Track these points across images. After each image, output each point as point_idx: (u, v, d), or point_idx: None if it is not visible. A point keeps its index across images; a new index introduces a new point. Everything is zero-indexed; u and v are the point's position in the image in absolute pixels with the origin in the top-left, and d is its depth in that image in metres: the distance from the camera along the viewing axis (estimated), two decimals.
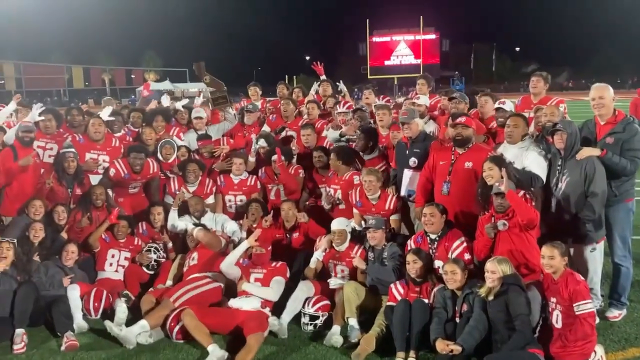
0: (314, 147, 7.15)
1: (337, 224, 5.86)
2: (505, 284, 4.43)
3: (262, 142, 7.34)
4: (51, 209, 6.23)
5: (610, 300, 5.42)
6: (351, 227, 6.03)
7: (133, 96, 54.45)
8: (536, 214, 4.78)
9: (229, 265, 5.61)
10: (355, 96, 10.02)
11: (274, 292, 5.54)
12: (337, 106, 7.77)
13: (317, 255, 5.81)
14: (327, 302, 5.52)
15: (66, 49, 78.88)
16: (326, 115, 8.13)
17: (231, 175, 7.09)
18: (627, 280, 5.36)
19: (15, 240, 5.58)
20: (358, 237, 5.99)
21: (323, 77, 9.24)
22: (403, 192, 6.12)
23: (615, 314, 5.34)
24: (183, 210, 6.72)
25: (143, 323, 5.18)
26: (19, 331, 5.19)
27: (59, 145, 6.84)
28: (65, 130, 7.21)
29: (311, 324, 5.37)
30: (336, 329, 5.21)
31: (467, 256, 5.12)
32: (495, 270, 4.48)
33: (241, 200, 7.04)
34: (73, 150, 6.58)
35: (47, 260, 5.79)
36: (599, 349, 4.39)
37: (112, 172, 6.86)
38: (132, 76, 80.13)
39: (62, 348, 5.08)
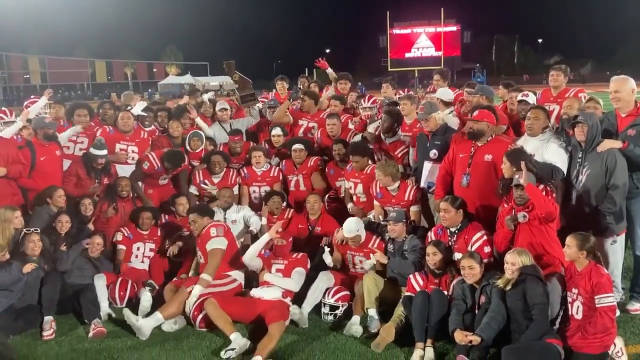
0: (338, 137, 7.21)
1: (347, 230, 5.79)
2: (523, 274, 4.45)
3: (278, 131, 7.44)
4: (77, 201, 6.39)
5: (631, 293, 5.40)
6: (367, 220, 6.10)
7: (150, 90, 54.94)
8: (555, 207, 4.78)
9: (252, 257, 5.70)
10: (359, 90, 9.97)
11: (295, 282, 5.63)
12: (362, 101, 7.79)
13: (326, 259, 5.89)
14: (347, 292, 5.60)
15: (89, 44, 79.98)
16: (348, 110, 8.17)
17: (253, 167, 7.19)
18: None
19: (39, 230, 5.70)
20: (377, 228, 6.04)
21: (329, 70, 9.19)
22: (423, 184, 6.15)
23: (636, 306, 5.32)
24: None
25: (158, 316, 5.30)
26: (48, 318, 5.36)
27: (90, 139, 7.07)
28: (96, 124, 7.41)
29: (331, 314, 5.45)
30: (356, 319, 5.28)
31: (487, 249, 5.14)
32: (515, 261, 4.50)
33: (265, 192, 7.13)
34: (105, 153, 6.68)
35: (74, 250, 5.93)
36: (619, 341, 4.39)
37: (145, 165, 7.01)
38: (154, 70, 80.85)
39: (90, 335, 5.24)
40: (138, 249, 6.41)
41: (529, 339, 4.26)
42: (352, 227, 5.81)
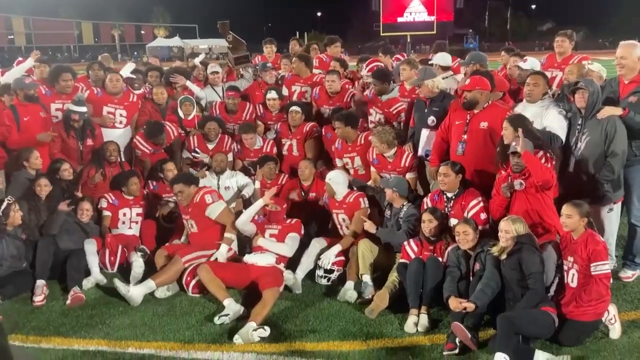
0: (337, 93, 7.13)
1: (328, 177, 5.98)
2: (519, 243, 4.42)
3: (273, 94, 7.32)
4: (55, 164, 6.18)
5: (624, 260, 5.42)
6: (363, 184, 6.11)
7: (135, 53, 54.03)
8: (552, 175, 4.73)
9: (245, 222, 5.65)
10: (344, 53, 9.77)
11: (289, 247, 5.59)
12: (362, 66, 7.65)
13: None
14: (341, 257, 5.58)
15: (75, 4, 77.86)
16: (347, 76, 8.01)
17: (246, 145, 7.06)
18: None
19: (14, 199, 5.50)
20: (378, 197, 6.01)
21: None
22: (420, 152, 6.08)
23: (629, 274, 5.35)
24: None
25: (150, 284, 5.26)
26: (40, 282, 5.31)
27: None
28: (86, 86, 7.23)
29: (325, 277, 5.47)
30: (350, 284, 5.29)
31: (483, 216, 5.11)
32: (509, 229, 4.46)
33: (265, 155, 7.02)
34: (80, 110, 6.48)
35: (60, 214, 5.80)
36: (612, 309, 4.41)
37: (137, 153, 6.88)
38: (142, 32, 79.37)
39: (68, 302, 5.18)
40: (124, 214, 6.26)
41: (524, 307, 4.25)
42: (331, 174, 5.96)
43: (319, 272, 5.49)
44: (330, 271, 5.47)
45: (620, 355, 4.12)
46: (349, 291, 5.20)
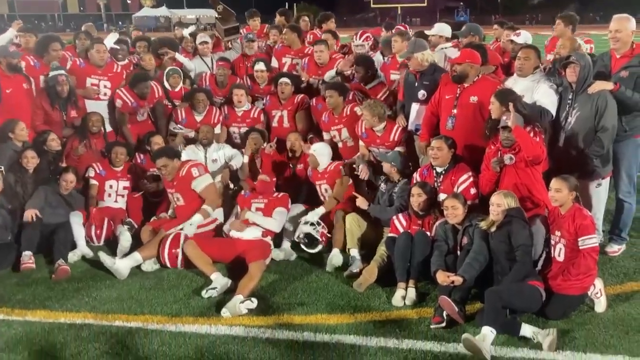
0: (325, 63, 7.04)
1: (312, 147, 6.04)
2: (508, 216, 4.42)
3: (261, 66, 7.20)
4: (42, 135, 6.04)
5: (611, 235, 5.46)
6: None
7: (120, 22, 53.04)
8: (542, 149, 4.71)
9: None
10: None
11: (276, 222, 5.57)
12: (354, 37, 7.54)
13: None
14: (328, 234, 5.59)
15: None
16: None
17: (234, 107, 6.96)
18: (629, 216, 5.38)
19: (2, 168, 5.46)
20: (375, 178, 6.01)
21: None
22: (410, 126, 6.02)
23: (615, 248, 5.39)
24: (190, 141, 6.76)
25: (137, 257, 5.22)
26: (27, 252, 5.28)
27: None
28: (74, 55, 7.04)
29: (305, 240, 5.48)
30: (336, 250, 5.34)
31: (472, 190, 5.10)
32: (501, 203, 4.46)
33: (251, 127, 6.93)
34: (63, 72, 6.37)
35: (47, 187, 5.74)
36: (598, 283, 4.44)
37: (119, 103, 6.74)
38: (128, 2, 77.83)
39: (54, 276, 5.13)
40: (111, 186, 6.16)
41: (511, 280, 4.27)
42: (316, 146, 6.05)
43: (300, 234, 5.50)
44: (314, 239, 5.47)
45: (605, 328, 4.17)
46: (335, 257, 5.26)
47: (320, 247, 5.52)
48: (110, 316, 4.46)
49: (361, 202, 5.54)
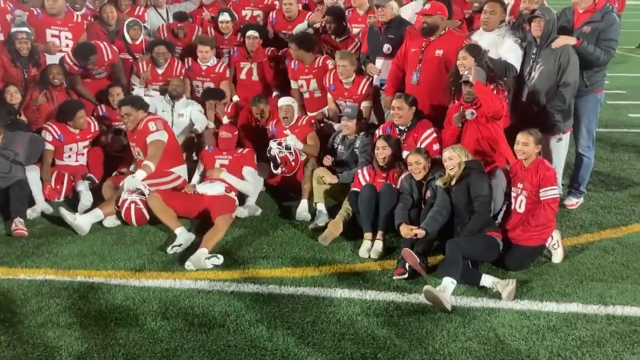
0: (294, 18, 6.86)
1: (283, 100, 5.95)
2: (467, 169, 4.46)
3: (225, 16, 6.96)
4: (2, 89, 5.80)
5: (570, 189, 5.58)
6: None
7: None
8: (502, 105, 4.72)
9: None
10: None
11: (251, 185, 5.57)
12: None
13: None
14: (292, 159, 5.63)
15: None
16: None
17: (198, 61, 6.76)
18: (587, 170, 5.50)
19: None
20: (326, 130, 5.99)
21: None
22: (375, 81, 5.97)
23: (573, 202, 5.53)
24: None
25: (98, 213, 5.13)
26: None
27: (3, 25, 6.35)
28: (15, 6, 6.67)
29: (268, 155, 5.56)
30: (304, 204, 5.39)
31: (435, 146, 5.12)
32: (452, 156, 4.48)
33: (209, 87, 6.76)
34: (26, 29, 6.06)
35: None
36: (556, 234, 4.56)
37: (66, 66, 6.34)
38: None
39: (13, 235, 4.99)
40: (70, 149, 5.92)
41: (470, 230, 4.35)
42: (287, 98, 6.03)
43: (272, 144, 5.54)
44: (280, 148, 5.52)
45: (562, 278, 4.31)
46: (303, 212, 5.33)
47: (279, 170, 5.55)
48: (72, 272, 4.40)
49: (330, 179, 5.40)
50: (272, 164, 5.57)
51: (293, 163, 5.58)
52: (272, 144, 5.54)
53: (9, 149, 5.35)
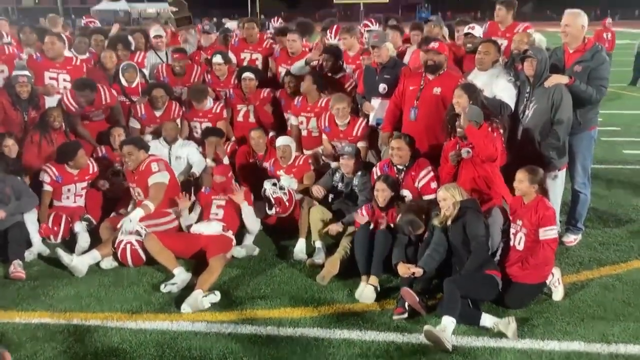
0: (297, 54, 6.97)
1: (281, 140, 6.05)
2: (463, 208, 4.47)
3: (218, 59, 7.07)
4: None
5: (567, 225, 5.59)
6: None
7: (73, 16, 51.57)
8: (496, 148, 4.74)
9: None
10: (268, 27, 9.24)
11: (252, 218, 5.58)
12: (328, 34, 7.52)
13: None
14: (286, 200, 5.66)
15: None
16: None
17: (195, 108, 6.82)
18: (584, 207, 5.52)
19: None
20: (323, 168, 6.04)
21: None
22: (372, 121, 6.05)
23: (571, 239, 5.53)
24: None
25: (95, 254, 5.11)
26: None
27: (11, 67, 6.44)
28: (18, 49, 6.79)
29: (263, 195, 5.59)
30: (301, 243, 5.40)
31: (433, 185, 5.15)
32: (446, 196, 4.50)
33: (207, 127, 6.81)
34: (26, 73, 6.15)
35: None
36: (556, 272, 4.55)
37: (64, 105, 6.39)
38: None
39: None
40: (68, 190, 5.92)
41: (468, 269, 4.33)
42: (286, 138, 6.12)
43: (266, 185, 5.59)
44: (275, 188, 5.57)
45: (562, 316, 4.27)
46: (299, 253, 5.32)
47: (273, 210, 5.57)
48: (68, 314, 4.35)
49: (334, 228, 5.36)
50: (266, 204, 5.58)
51: (287, 203, 5.60)
52: (266, 185, 5.58)
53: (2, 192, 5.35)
